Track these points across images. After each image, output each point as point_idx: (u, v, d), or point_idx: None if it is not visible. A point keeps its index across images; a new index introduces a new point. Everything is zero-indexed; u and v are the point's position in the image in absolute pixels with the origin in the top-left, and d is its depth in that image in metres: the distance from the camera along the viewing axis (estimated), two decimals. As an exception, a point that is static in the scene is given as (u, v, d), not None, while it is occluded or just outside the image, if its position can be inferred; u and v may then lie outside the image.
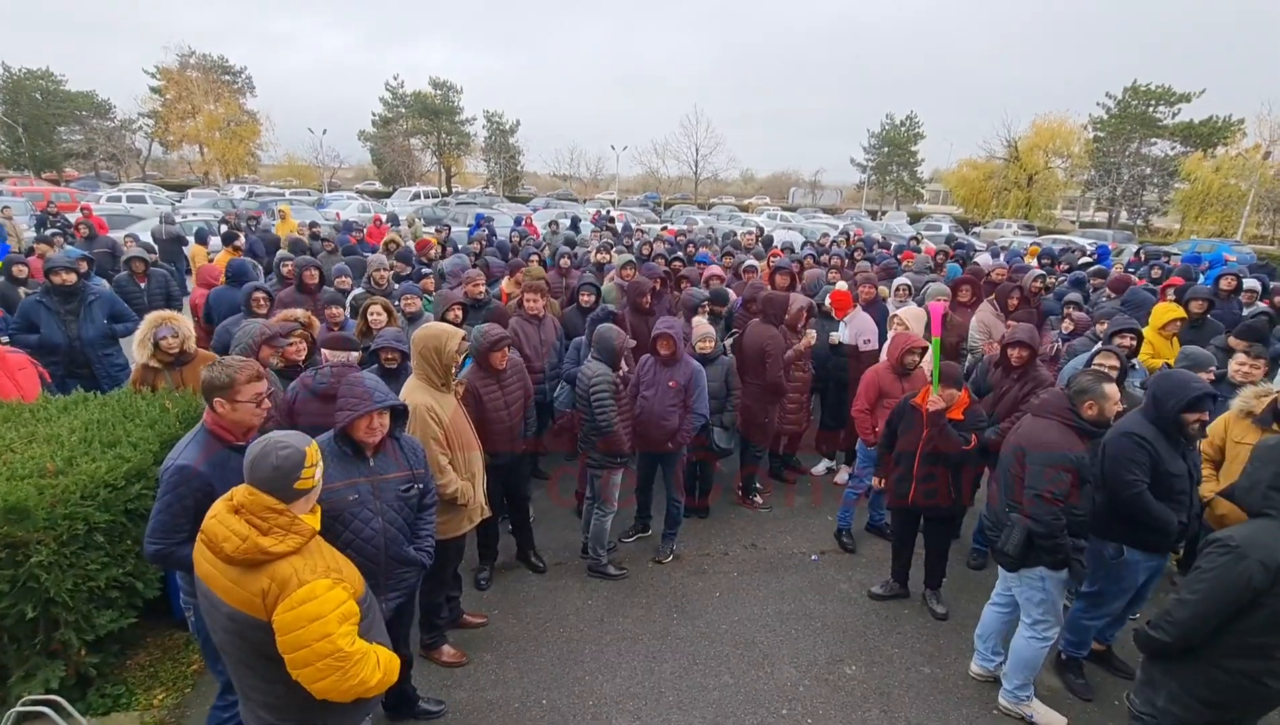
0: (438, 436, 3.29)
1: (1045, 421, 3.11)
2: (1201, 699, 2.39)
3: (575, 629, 3.94)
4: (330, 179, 47.47)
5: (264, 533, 1.88)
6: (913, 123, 48.12)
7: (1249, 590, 2.18)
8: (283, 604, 1.84)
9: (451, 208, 27.83)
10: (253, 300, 4.90)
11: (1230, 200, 34.18)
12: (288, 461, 1.94)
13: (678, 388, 4.40)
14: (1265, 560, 2.15)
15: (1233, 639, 2.27)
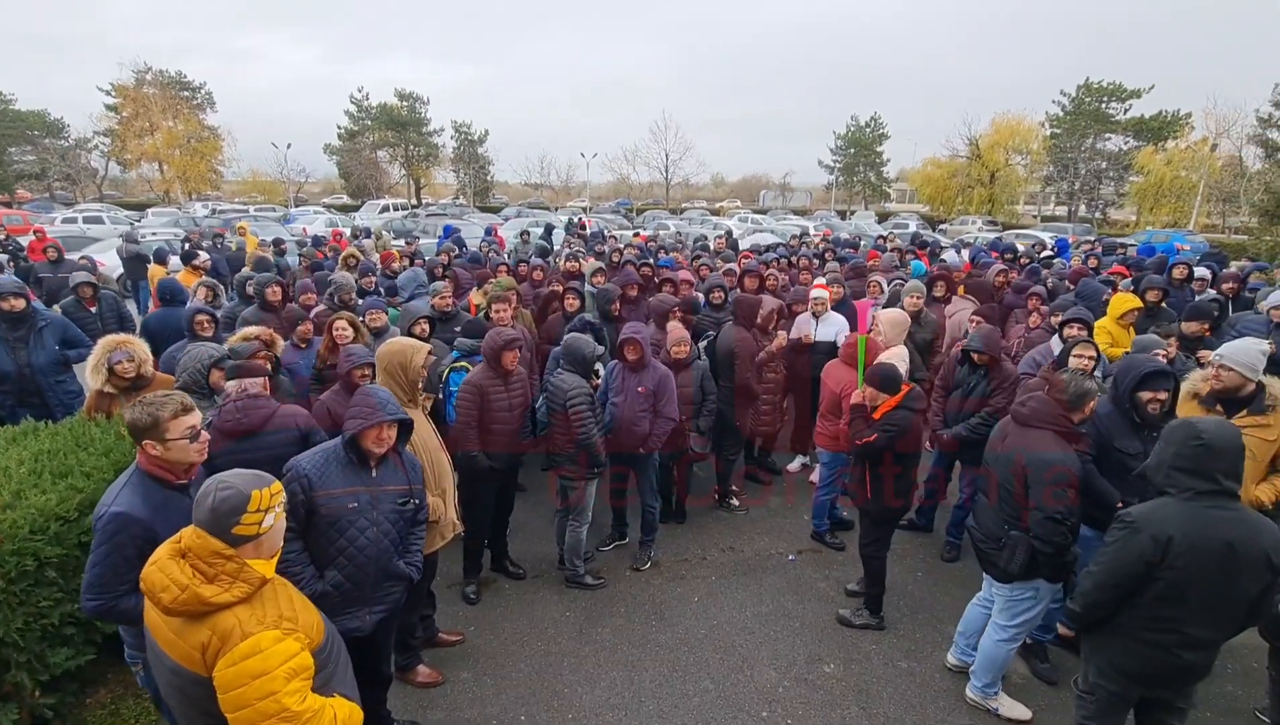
0: None
1: (1039, 432, 3.00)
2: (1124, 671, 2.48)
3: (554, 641, 3.90)
4: (296, 194, 46.70)
5: (208, 580, 1.74)
6: (877, 124, 49.01)
7: (1142, 563, 2.28)
8: (224, 659, 1.70)
9: (421, 219, 27.59)
10: (195, 323, 4.69)
11: (1182, 192, 35.46)
12: (225, 503, 1.79)
13: (647, 393, 4.41)
14: (1156, 534, 2.25)
15: (1141, 611, 2.37)
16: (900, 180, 53.42)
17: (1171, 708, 2.56)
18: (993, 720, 3.34)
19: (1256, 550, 2.21)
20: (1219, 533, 2.21)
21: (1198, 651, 2.36)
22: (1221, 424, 2.35)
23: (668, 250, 10.88)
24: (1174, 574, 2.26)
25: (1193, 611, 2.29)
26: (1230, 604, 2.28)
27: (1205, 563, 2.22)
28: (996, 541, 3.12)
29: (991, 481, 3.19)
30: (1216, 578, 2.23)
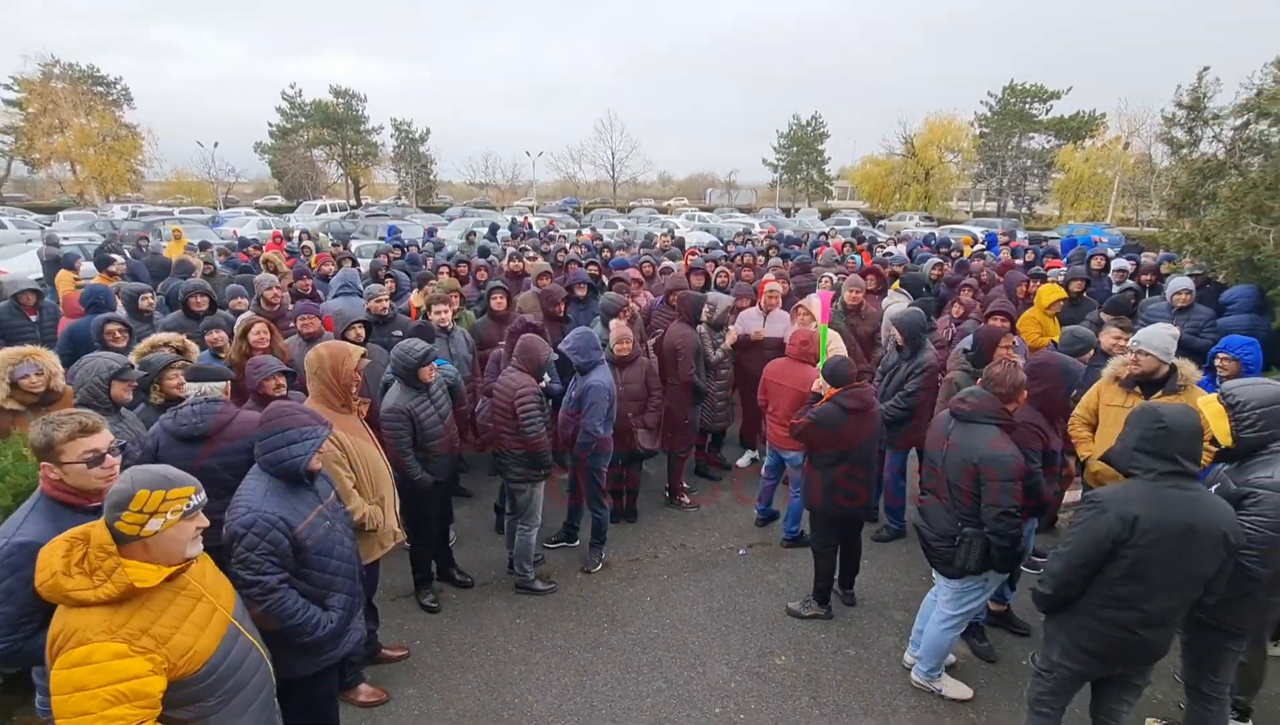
0: (340, 459, 3.12)
1: (983, 428, 3.05)
2: (1086, 649, 2.57)
3: (504, 650, 3.81)
4: (226, 195, 44.43)
5: (87, 573, 1.66)
6: (818, 123, 50.15)
7: (1109, 541, 2.37)
8: (59, 660, 1.62)
9: (361, 220, 26.72)
10: (106, 333, 4.36)
11: (1099, 187, 37.66)
12: (113, 496, 1.72)
13: (575, 400, 4.38)
14: (1122, 513, 2.34)
15: (1103, 590, 2.46)
16: (841, 178, 54.82)
17: (1129, 684, 2.68)
18: (937, 701, 3.43)
19: (1214, 530, 2.31)
20: (1180, 512, 2.30)
21: (1156, 629, 2.46)
22: (1181, 409, 2.45)
23: (614, 250, 10.84)
24: (1137, 552, 2.34)
25: (1153, 589, 2.37)
26: (1188, 582, 2.38)
27: (1167, 541, 2.31)
28: (949, 539, 3.16)
29: (940, 480, 3.22)
30: (1176, 556, 2.32)
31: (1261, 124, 6.18)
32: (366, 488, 3.25)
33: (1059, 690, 2.71)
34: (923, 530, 3.33)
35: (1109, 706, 2.73)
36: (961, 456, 3.07)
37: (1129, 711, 2.72)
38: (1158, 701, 3.47)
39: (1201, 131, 6.98)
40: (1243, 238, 5.79)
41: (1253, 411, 2.60)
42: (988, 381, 3.20)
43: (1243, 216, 5.88)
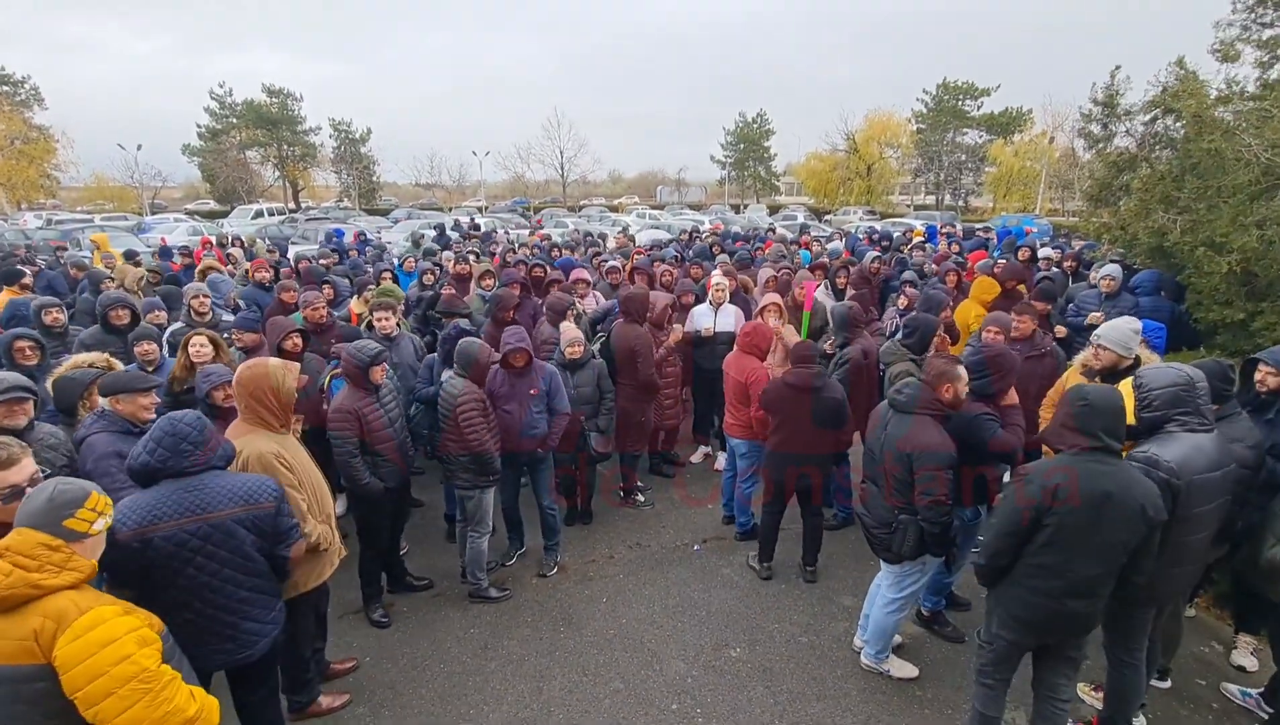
0: (292, 482, 2.98)
1: (918, 418, 3.13)
2: (1019, 619, 2.70)
3: (457, 661, 3.74)
4: (153, 200, 42.14)
5: (31, 571, 1.69)
6: (763, 120, 50.98)
7: (1031, 509, 2.52)
8: (64, 636, 1.65)
9: (300, 225, 25.70)
10: (14, 350, 4.07)
11: (1029, 180, 39.55)
12: (63, 496, 1.80)
13: (539, 394, 4.35)
14: (1044, 483, 2.50)
15: (1030, 560, 2.60)
16: (788, 174, 55.94)
17: (1064, 656, 2.81)
18: (885, 682, 3.55)
19: (1132, 501, 2.45)
20: (1098, 483, 2.45)
21: (1082, 599, 2.59)
22: (1107, 390, 2.62)
23: (562, 249, 10.77)
24: (1057, 520, 2.49)
25: (1075, 557, 2.52)
26: (1108, 551, 2.52)
27: (1084, 509, 2.46)
28: (887, 527, 3.28)
29: (877, 469, 3.32)
30: (1093, 524, 2.47)
31: (1167, 119, 6.60)
32: (315, 507, 3.13)
33: (999, 661, 2.84)
34: (863, 518, 3.44)
35: (1047, 679, 2.86)
36: (895, 446, 3.17)
37: (1067, 685, 2.85)
38: (1087, 668, 3.66)
39: (1115, 127, 7.40)
40: (1153, 226, 6.16)
41: (1150, 392, 2.78)
42: (925, 373, 3.31)
43: (1152, 206, 6.25)
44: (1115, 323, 3.81)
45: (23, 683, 1.64)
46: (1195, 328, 6.40)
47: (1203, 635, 3.94)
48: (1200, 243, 5.76)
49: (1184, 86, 6.18)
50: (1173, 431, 2.72)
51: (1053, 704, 2.85)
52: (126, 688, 1.67)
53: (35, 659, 1.64)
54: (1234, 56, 6.44)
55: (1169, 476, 2.61)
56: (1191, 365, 2.90)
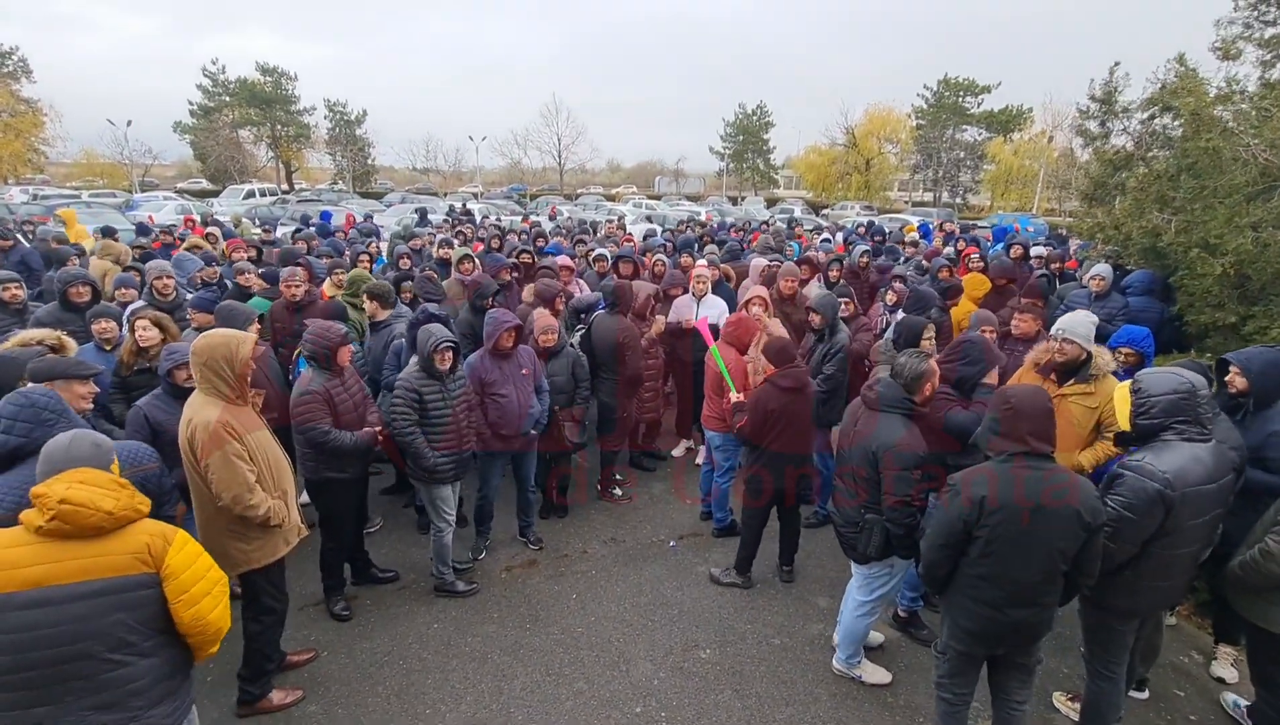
0: (239, 452, 2.87)
1: (887, 416, 3.02)
2: (965, 629, 2.61)
3: (417, 658, 3.62)
4: (144, 177, 41.52)
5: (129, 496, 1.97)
6: (763, 112, 50.64)
7: (961, 522, 2.43)
8: (173, 548, 1.97)
9: (291, 206, 25.41)
10: None
11: (1027, 179, 39.44)
12: (105, 442, 2.09)
13: (530, 374, 4.31)
14: (970, 496, 2.41)
15: (969, 569, 2.52)
16: (787, 167, 55.66)
17: (1016, 664, 2.71)
18: (856, 687, 3.45)
19: (1064, 507, 2.35)
20: (1028, 492, 2.35)
21: (1025, 608, 2.49)
22: (1031, 390, 2.50)
23: (549, 236, 10.59)
24: (988, 532, 2.41)
25: (1009, 566, 2.43)
26: (1044, 558, 2.42)
27: (1014, 519, 2.37)
28: (855, 526, 3.18)
29: (847, 467, 3.21)
30: (1025, 533, 2.38)
31: (1165, 117, 6.47)
32: (268, 481, 3.02)
33: (955, 672, 2.75)
34: (834, 516, 3.36)
35: (1002, 684, 2.78)
36: (864, 443, 3.06)
37: (1021, 688, 2.76)
38: (1064, 675, 3.58)
39: (1112, 124, 7.27)
40: (1147, 226, 6.05)
41: (1148, 399, 2.64)
42: (894, 371, 3.18)
43: (1147, 206, 6.14)
44: (1076, 316, 3.64)
45: (131, 590, 1.90)
46: (1184, 331, 6.32)
47: (1183, 644, 3.86)
48: (1194, 244, 5.65)
49: (1183, 84, 6.05)
50: (1169, 440, 2.59)
51: (1009, 708, 2.78)
52: (217, 588, 2.07)
53: (148, 568, 1.92)
54: (1235, 55, 6.31)
55: (1164, 487, 2.49)
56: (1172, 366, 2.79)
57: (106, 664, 1.88)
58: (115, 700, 1.92)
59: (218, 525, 2.93)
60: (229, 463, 2.81)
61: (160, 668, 2.00)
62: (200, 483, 2.86)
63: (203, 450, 2.78)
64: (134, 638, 1.92)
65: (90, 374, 3.08)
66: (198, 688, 3.29)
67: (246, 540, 2.98)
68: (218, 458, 2.79)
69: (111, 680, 1.90)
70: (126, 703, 1.93)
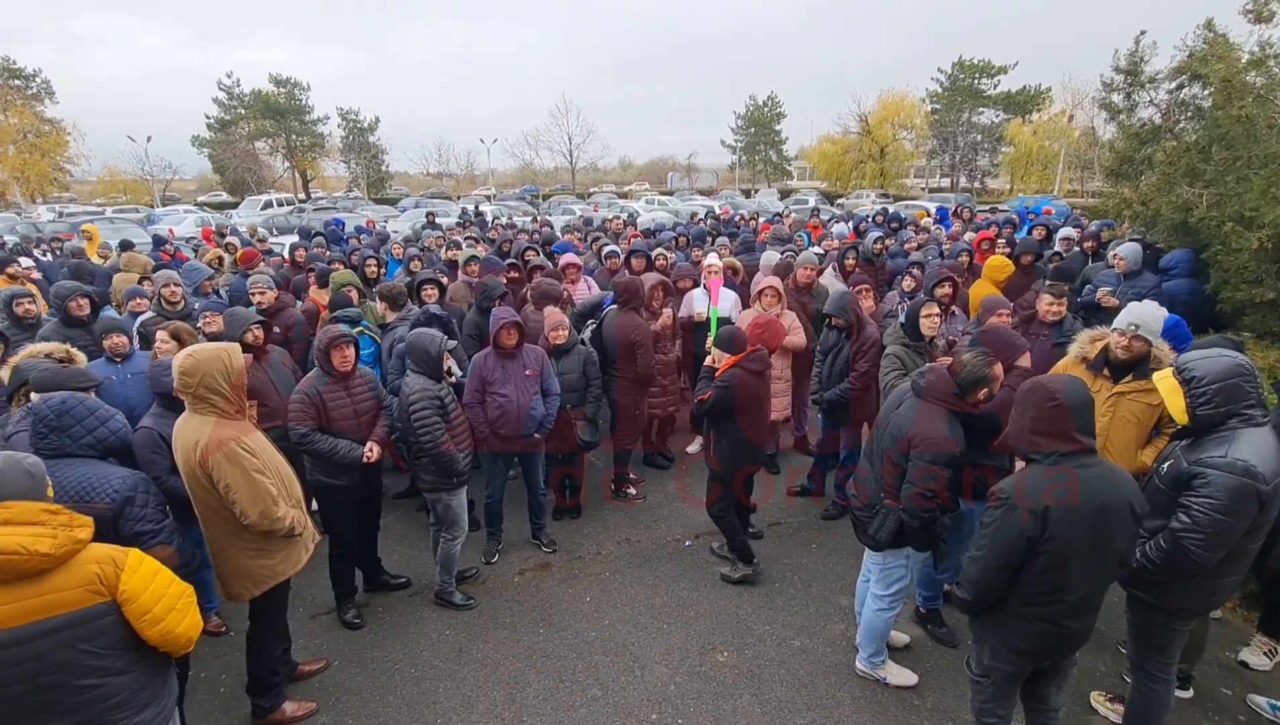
0: (258, 467, 2.81)
1: (931, 407, 2.85)
2: (1016, 649, 2.43)
3: (430, 666, 3.56)
4: (165, 191, 42.34)
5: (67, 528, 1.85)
6: (774, 103, 50.13)
7: (1024, 539, 2.22)
8: (125, 572, 1.90)
9: (307, 214, 25.68)
10: None
11: (1047, 160, 38.54)
12: (37, 467, 1.96)
13: (535, 375, 4.21)
14: (1033, 508, 2.19)
15: (1026, 588, 2.31)
16: (800, 158, 55.00)
17: (1056, 671, 2.56)
18: (881, 690, 3.31)
19: (1122, 504, 2.20)
20: (1090, 492, 2.17)
21: (1081, 618, 2.34)
22: (1072, 382, 2.29)
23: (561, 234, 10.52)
24: (1054, 544, 2.20)
25: (1074, 578, 2.24)
26: (1107, 564, 2.27)
27: (1083, 526, 2.18)
28: (871, 509, 3.05)
29: (877, 447, 3.08)
30: (1092, 539, 2.20)
31: (1194, 87, 6.19)
32: (283, 491, 2.96)
33: (999, 695, 2.57)
34: (851, 497, 3.24)
35: (1037, 691, 2.63)
36: (901, 427, 2.89)
37: (1058, 693, 2.62)
38: (1100, 674, 3.41)
39: (1138, 96, 6.98)
40: (1177, 201, 5.78)
41: (1209, 387, 2.44)
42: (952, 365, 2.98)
43: (1177, 180, 5.87)
44: (1147, 308, 3.34)
45: (91, 621, 1.84)
46: (1220, 309, 6.04)
47: (1228, 639, 3.66)
48: (1228, 217, 5.39)
49: (1213, 50, 5.77)
50: (1236, 427, 2.40)
51: (1044, 715, 2.63)
52: (181, 602, 2.03)
53: (102, 598, 1.86)
54: (1268, 17, 5.99)
55: (1258, 483, 2.29)
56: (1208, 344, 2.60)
57: (80, 689, 1.85)
58: (96, 717, 1.88)
59: (237, 546, 2.86)
60: (251, 479, 2.74)
61: (138, 680, 1.98)
62: (215, 505, 2.77)
63: (224, 472, 2.70)
64: (104, 662, 1.88)
65: (91, 386, 3.05)
66: (212, 698, 3.31)
67: (269, 555, 2.93)
68: (238, 476, 2.71)
69: (89, 701, 1.87)
70: (107, 718, 1.90)
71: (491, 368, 4.16)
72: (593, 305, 5.65)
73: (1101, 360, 3.43)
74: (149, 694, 2.02)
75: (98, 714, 1.88)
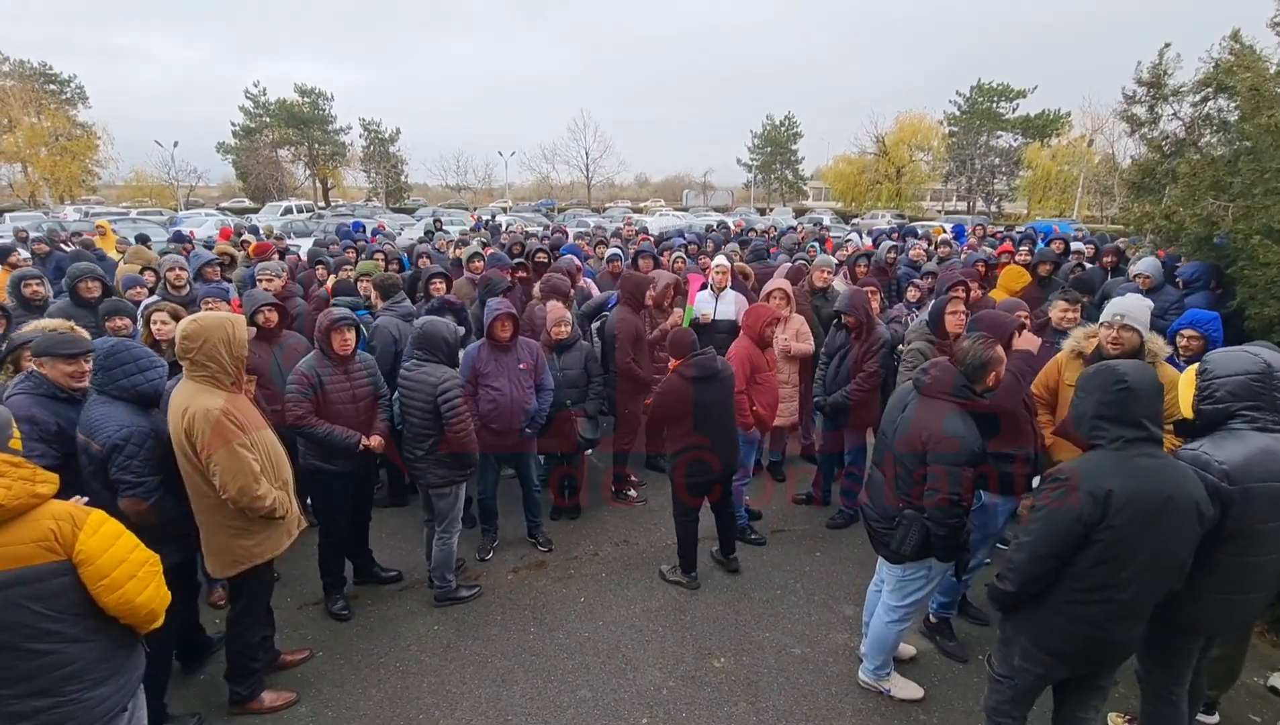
0: (244, 441, 2.74)
1: (941, 404, 2.70)
2: (1052, 651, 2.26)
3: (415, 660, 3.44)
4: (189, 196, 43.15)
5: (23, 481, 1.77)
6: (791, 123, 50.35)
7: (1080, 524, 2.06)
8: (84, 531, 1.81)
9: (326, 220, 26.05)
10: None
11: (1065, 185, 38.27)
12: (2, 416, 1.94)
13: (529, 368, 4.12)
14: (1094, 491, 2.04)
15: (1073, 582, 2.15)
16: (815, 178, 55.07)
17: (1095, 686, 2.38)
18: (884, 702, 3.14)
19: (1188, 501, 2.04)
20: (1156, 482, 2.03)
21: (1129, 623, 2.17)
22: (1140, 366, 2.16)
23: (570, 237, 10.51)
24: (1112, 534, 2.04)
25: (1129, 576, 2.08)
26: (1166, 565, 2.10)
27: (1145, 518, 2.02)
28: (890, 520, 2.86)
29: (887, 453, 2.91)
30: (1154, 535, 2.04)
31: (1220, 99, 6.04)
32: (270, 471, 2.89)
33: (1020, 698, 2.40)
34: (865, 510, 3.04)
35: (1073, 713, 2.42)
36: (913, 430, 2.73)
37: (1095, 718, 2.42)
38: (1120, 695, 3.22)
39: (1161, 109, 6.83)
40: (1202, 214, 5.62)
41: (1215, 380, 2.31)
42: (952, 356, 2.88)
43: (1202, 192, 5.70)
44: (1131, 299, 3.30)
45: (41, 581, 1.75)
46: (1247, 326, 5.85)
47: (1257, 664, 3.45)
48: (1256, 231, 5.22)
49: (1240, 60, 5.64)
50: (1238, 428, 2.26)
51: None
52: (144, 569, 1.92)
53: (56, 556, 1.76)
54: (1296, 29, 5.86)
55: (1219, 479, 2.18)
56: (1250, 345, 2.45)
57: (30, 653, 1.77)
58: (47, 687, 1.81)
59: (217, 521, 2.80)
60: (234, 453, 2.67)
61: (96, 650, 1.88)
62: (199, 477, 2.71)
63: (207, 442, 2.64)
64: (58, 626, 1.79)
65: (82, 352, 3.00)
66: (190, 683, 3.22)
67: (249, 535, 2.85)
68: (221, 448, 2.65)
69: (39, 668, 1.79)
70: (60, 689, 1.82)
71: (485, 360, 4.06)
72: (598, 305, 5.58)
73: (1096, 355, 3.35)
74: (108, 668, 1.92)
75: (50, 683, 1.80)
